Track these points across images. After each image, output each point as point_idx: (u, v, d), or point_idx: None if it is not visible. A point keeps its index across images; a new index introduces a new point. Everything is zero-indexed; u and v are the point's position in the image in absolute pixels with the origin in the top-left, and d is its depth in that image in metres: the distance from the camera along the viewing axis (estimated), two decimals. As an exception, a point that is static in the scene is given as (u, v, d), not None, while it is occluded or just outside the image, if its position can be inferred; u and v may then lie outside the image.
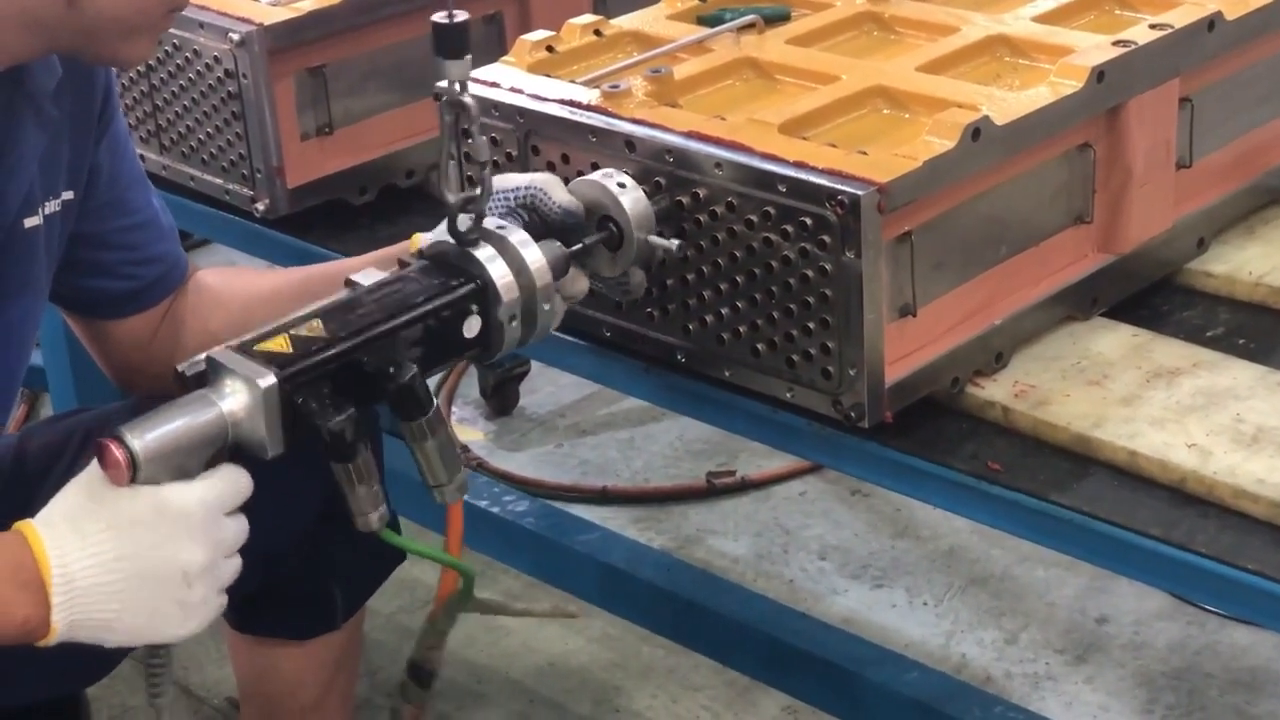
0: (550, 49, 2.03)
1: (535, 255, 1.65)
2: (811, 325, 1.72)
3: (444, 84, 1.58)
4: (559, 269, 1.68)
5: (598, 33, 2.08)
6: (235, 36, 2.21)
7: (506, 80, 1.96)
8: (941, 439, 1.77)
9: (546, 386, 3.69)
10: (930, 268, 1.77)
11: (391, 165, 2.37)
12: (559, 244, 1.69)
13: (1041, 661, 2.87)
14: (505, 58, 2.03)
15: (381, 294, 1.60)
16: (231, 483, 1.48)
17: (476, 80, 1.96)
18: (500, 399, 3.64)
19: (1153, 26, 1.94)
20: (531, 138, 1.90)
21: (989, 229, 1.83)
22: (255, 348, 1.50)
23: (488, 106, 1.93)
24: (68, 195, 1.80)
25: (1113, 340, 1.89)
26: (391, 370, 1.52)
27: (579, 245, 1.72)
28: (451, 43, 1.57)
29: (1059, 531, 1.69)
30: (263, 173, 2.27)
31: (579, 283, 1.75)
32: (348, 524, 1.56)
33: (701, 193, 1.76)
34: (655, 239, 1.73)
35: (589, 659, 2.94)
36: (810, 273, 1.70)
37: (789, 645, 2.56)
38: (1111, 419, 1.74)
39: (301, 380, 1.49)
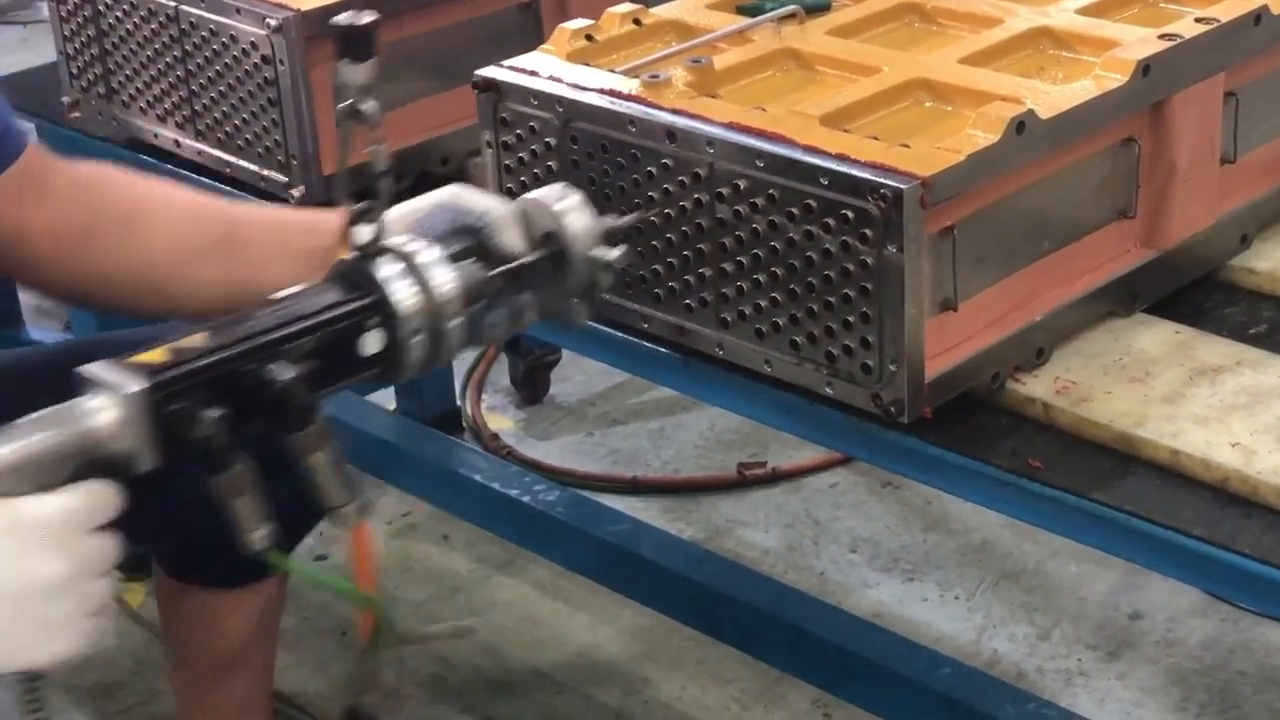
0: (589, 38, 2.02)
1: (445, 273, 1.54)
2: (852, 319, 1.71)
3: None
4: (473, 290, 1.57)
5: (637, 22, 2.07)
6: (272, 22, 2.20)
7: (545, 69, 1.95)
8: (981, 435, 1.76)
9: (577, 375, 3.68)
10: (972, 262, 1.75)
11: (427, 152, 2.36)
12: (480, 264, 1.59)
13: (1074, 658, 2.86)
14: (544, 46, 2.02)
15: (275, 307, 1.52)
16: (96, 496, 1.39)
17: (515, 69, 1.95)
18: (530, 387, 3.63)
19: (1198, 20, 1.92)
20: (570, 127, 1.89)
21: (1031, 224, 1.81)
22: (129, 359, 1.43)
23: (526, 95, 1.92)
24: None
25: (1155, 337, 1.87)
26: (267, 377, 1.44)
27: (517, 264, 1.61)
28: (358, 45, 1.51)
29: (1100, 530, 1.67)
30: (298, 159, 2.26)
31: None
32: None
33: (742, 184, 1.75)
34: (598, 252, 1.61)
35: (618, 650, 2.94)
36: (851, 267, 1.69)
37: (819, 638, 2.56)
38: (1154, 417, 1.72)
39: (173, 389, 1.40)
